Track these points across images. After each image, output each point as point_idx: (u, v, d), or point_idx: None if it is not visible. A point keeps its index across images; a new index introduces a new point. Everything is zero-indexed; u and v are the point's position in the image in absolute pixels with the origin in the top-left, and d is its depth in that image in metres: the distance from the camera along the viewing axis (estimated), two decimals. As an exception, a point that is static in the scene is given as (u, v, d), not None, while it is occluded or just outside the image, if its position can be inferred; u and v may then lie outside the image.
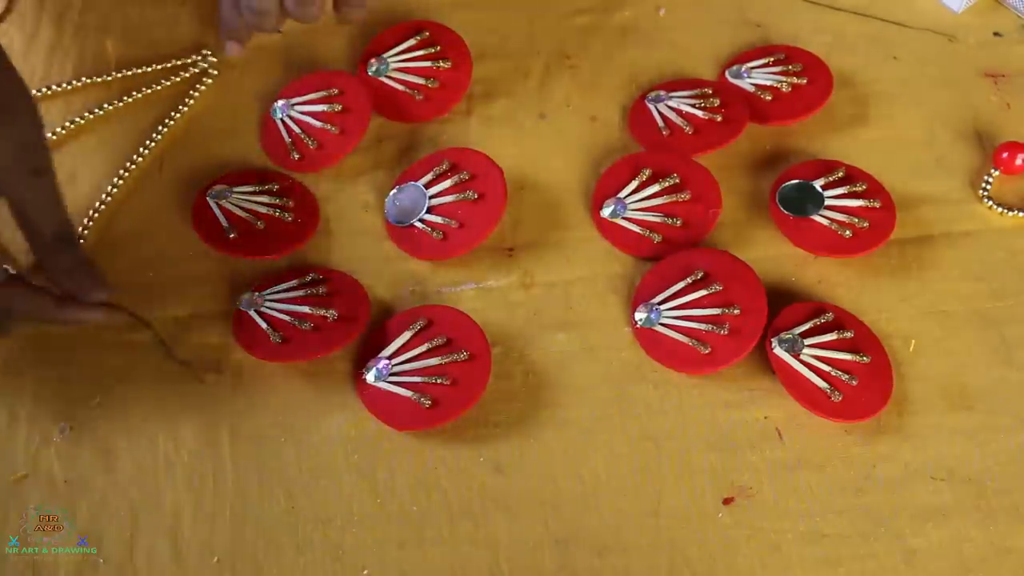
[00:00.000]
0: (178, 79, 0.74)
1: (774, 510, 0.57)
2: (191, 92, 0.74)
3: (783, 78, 0.73)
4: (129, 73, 0.74)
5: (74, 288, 0.58)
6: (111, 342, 0.63)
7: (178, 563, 0.56)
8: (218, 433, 0.60)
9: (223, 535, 0.57)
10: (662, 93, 0.72)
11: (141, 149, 0.71)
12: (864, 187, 0.67)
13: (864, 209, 0.66)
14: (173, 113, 0.72)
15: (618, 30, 0.78)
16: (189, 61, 0.75)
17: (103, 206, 0.68)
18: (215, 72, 0.75)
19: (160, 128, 0.72)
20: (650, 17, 0.79)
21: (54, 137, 0.71)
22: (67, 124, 0.72)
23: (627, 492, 0.58)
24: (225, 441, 0.60)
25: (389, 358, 0.61)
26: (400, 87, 0.73)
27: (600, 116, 0.73)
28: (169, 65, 0.75)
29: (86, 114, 0.72)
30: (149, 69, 0.75)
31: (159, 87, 0.74)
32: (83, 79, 0.74)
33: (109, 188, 0.69)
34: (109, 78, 0.74)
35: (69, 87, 0.74)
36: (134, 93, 0.73)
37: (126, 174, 0.70)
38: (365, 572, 0.56)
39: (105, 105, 0.73)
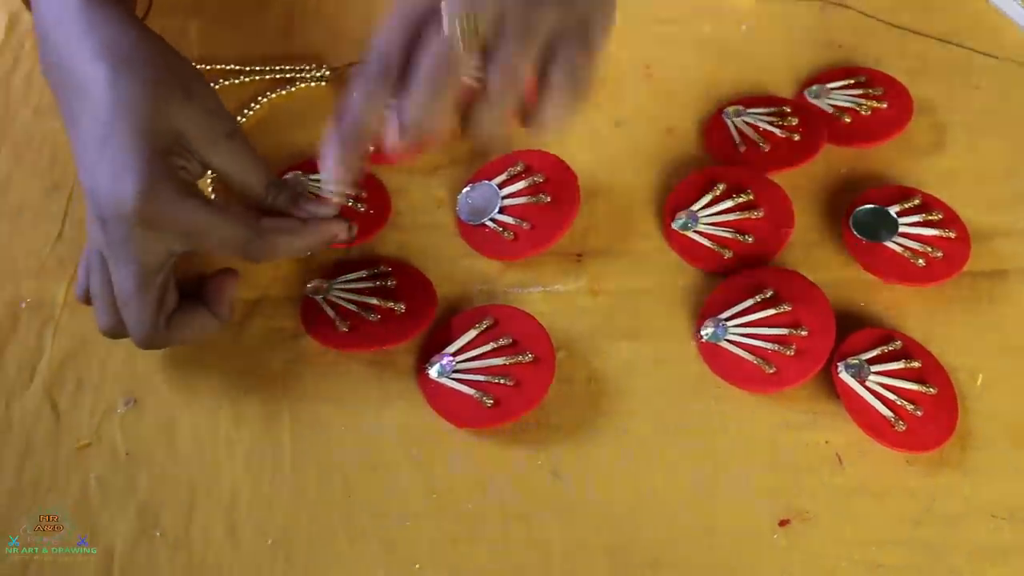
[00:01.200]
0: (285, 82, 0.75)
1: (830, 536, 0.57)
2: (286, 88, 0.75)
3: (863, 101, 0.72)
4: (247, 75, 0.75)
5: (304, 214, 0.61)
6: (179, 319, 0.64)
7: (233, 542, 0.57)
8: (279, 416, 0.61)
9: (278, 518, 0.58)
10: (740, 108, 0.72)
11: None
12: (940, 216, 0.66)
13: (938, 239, 0.65)
14: (260, 98, 0.73)
15: (698, 42, 0.78)
16: (305, 70, 0.75)
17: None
18: (324, 84, 0.75)
19: (246, 112, 0.73)
20: (732, 31, 0.79)
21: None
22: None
23: (683, 506, 0.58)
24: (286, 425, 0.61)
25: (453, 355, 0.61)
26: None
27: (676, 127, 0.73)
28: (287, 74, 0.75)
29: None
30: (266, 68, 0.76)
31: (251, 79, 0.75)
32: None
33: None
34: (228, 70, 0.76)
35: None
36: (231, 80, 0.75)
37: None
38: (416, 566, 0.56)
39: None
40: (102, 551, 0.56)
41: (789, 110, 0.72)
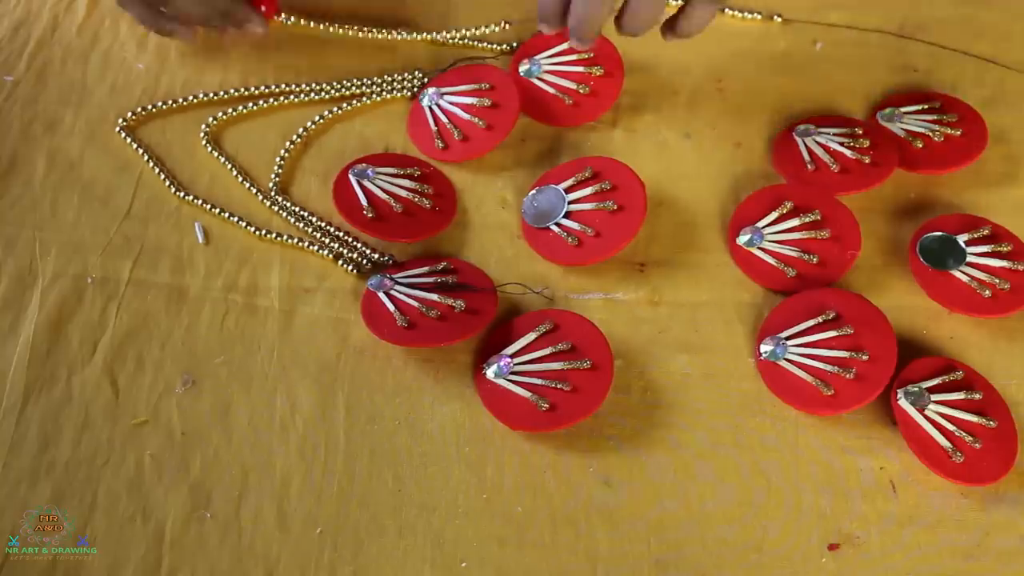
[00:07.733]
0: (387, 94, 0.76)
1: (880, 563, 0.56)
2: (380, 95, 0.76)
3: (937, 127, 0.71)
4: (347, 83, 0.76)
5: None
6: (241, 304, 0.65)
7: (282, 528, 0.57)
8: (334, 407, 0.61)
9: (328, 508, 0.58)
10: (811, 127, 0.71)
11: (309, 125, 0.74)
12: (1009, 248, 0.66)
13: (1006, 271, 0.65)
14: (356, 102, 0.75)
15: (771, 59, 0.78)
16: (405, 78, 0.76)
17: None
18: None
19: (337, 110, 0.74)
20: (805, 50, 0.78)
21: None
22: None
23: (732, 524, 0.57)
24: (341, 415, 0.61)
25: (512, 356, 0.61)
26: (551, 90, 0.73)
27: (745, 142, 0.73)
28: (387, 81, 0.76)
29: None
30: (369, 81, 0.76)
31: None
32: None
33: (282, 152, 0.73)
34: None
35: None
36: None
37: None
38: (463, 564, 0.56)
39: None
40: (154, 528, 0.57)
41: (861, 132, 0.71)
